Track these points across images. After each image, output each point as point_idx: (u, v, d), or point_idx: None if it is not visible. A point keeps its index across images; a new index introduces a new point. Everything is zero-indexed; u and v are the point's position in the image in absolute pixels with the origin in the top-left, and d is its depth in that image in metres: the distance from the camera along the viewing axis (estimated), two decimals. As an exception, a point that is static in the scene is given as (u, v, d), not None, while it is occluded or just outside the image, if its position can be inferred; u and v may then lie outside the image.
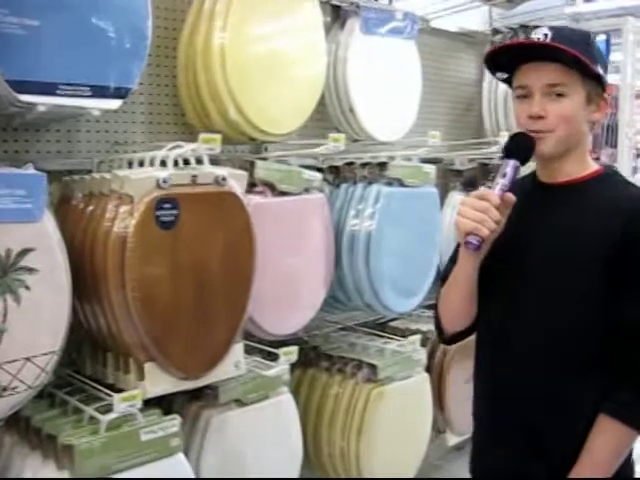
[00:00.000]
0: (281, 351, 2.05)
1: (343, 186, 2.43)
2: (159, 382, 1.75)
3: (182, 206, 1.73)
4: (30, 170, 1.58)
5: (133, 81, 1.77)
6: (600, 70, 1.44)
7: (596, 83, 1.45)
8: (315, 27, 2.24)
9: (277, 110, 2.12)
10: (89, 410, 1.70)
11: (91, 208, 1.76)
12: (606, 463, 1.40)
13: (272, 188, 2.15)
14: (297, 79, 2.17)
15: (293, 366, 2.58)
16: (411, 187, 2.40)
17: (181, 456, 1.76)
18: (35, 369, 1.55)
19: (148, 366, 1.73)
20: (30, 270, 1.51)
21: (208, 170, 1.80)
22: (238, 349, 1.92)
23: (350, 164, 2.43)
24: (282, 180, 2.15)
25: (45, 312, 1.56)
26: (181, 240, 1.74)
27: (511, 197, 1.42)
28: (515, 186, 1.43)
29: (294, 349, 2.07)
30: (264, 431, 2.09)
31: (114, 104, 1.74)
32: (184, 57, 2.09)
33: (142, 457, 1.67)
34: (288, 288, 2.20)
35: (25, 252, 1.51)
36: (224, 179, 1.81)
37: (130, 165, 1.87)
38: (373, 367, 2.37)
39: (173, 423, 1.73)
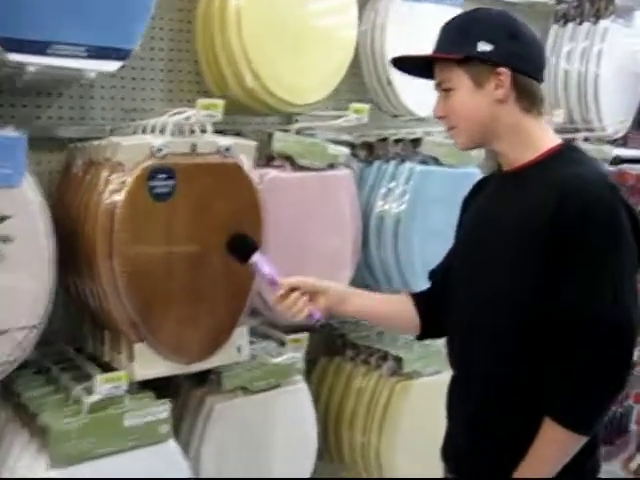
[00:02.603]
0: (288, 338, 1.90)
1: (376, 163, 2.26)
2: (150, 364, 1.64)
3: (179, 177, 1.60)
4: (9, 132, 1.48)
5: (134, 41, 1.66)
6: (485, 47, 1.33)
7: (481, 62, 1.34)
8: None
9: (299, 78, 1.96)
10: (75, 389, 1.61)
11: (88, 177, 1.66)
12: (548, 464, 1.31)
13: (292, 162, 2.00)
14: (323, 46, 2.01)
15: (319, 353, 2.47)
16: (448, 167, 2.20)
17: (171, 444, 1.65)
18: (10, 343, 1.46)
19: (138, 347, 1.63)
20: (5, 238, 1.42)
21: (210, 139, 1.67)
22: (241, 333, 1.79)
23: (383, 140, 2.25)
24: (303, 154, 1.99)
25: (23, 283, 1.47)
26: (178, 213, 1.62)
27: (282, 283, 1.50)
28: (483, 181, 1.55)
29: (303, 337, 1.93)
30: (273, 422, 1.96)
31: (113, 66, 1.64)
32: (202, 19, 1.96)
33: (125, 443, 1.57)
34: (306, 269, 2.04)
35: (1, 219, 1.42)
36: (228, 149, 1.67)
37: (143, 133, 1.76)
38: (399, 360, 2.20)
39: (163, 408, 1.62)
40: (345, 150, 2.09)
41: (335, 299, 1.55)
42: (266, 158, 1.98)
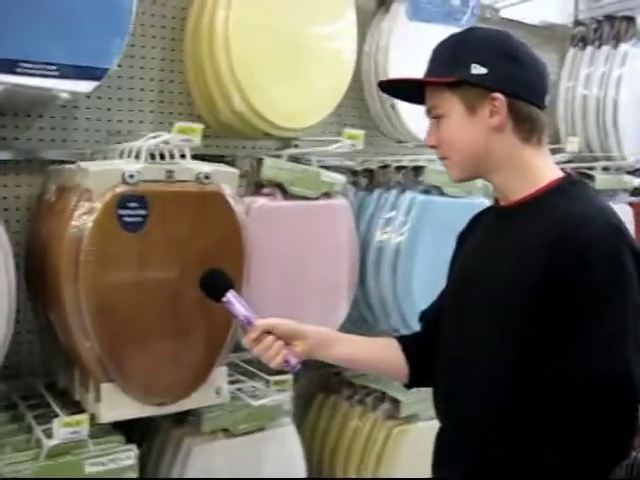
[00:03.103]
0: (272, 379, 1.77)
1: (376, 192, 2.13)
2: (117, 405, 1.53)
3: (152, 206, 1.50)
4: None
5: (110, 61, 1.57)
6: (478, 69, 1.20)
7: (476, 88, 1.21)
8: (342, 10, 1.95)
9: (291, 102, 1.86)
10: (36, 431, 1.50)
11: (59, 203, 1.57)
12: None
13: (284, 190, 1.89)
14: (318, 68, 1.90)
15: (316, 390, 2.34)
16: (452, 196, 2.07)
17: (137, 493, 1.53)
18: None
19: (106, 387, 1.52)
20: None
21: (188, 165, 1.56)
22: (220, 373, 1.67)
23: (385, 167, 2.13)
24: (294, 182, 1.88)
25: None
26: (151, 244, 1.51)
27: (255, 325, 1.34)
28: (481, 215, 1.40)
29: (286, 378, 1.79)
30: (258, 465, 1.83)
31: (87, 87, 1.54)
32: (190, 38, 1.88)
33: (86, 492, 1.45)
34: (299, 304, 1.93)
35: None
36: (207, 177, 1.56)
37: (121, 157, 1.67)
38: (396, 402, 2.06)
39: (127, 455, 1.50)
40: (340, 178, 1.97)
41: (315, 344, 1.41)
42: (255, 185, 1.87)
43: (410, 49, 2.17)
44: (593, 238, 1.11)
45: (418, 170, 2.04)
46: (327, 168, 2.15)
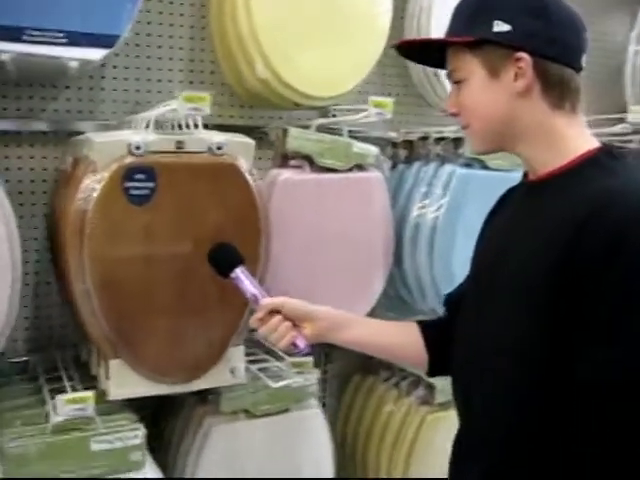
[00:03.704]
0: (290, 361, 1.70)
1: (415, 164, 2.01)
2: (127, 383, 1.49)
3: (161, 178, 1.43)
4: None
5: (121, 27, 1.50)
6: (501, 27, 1.07)
7: (499, 47, 1.08)
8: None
9: (318, 69, 1.75)
10: (49, 406, 1.48)
11: (71, 174, 1.53)
12: None
13: (312, 163, 1.79)
14: (347, 33, 1.78)
15: (355, 370, 2.26)
16: (496, 170, 1.92)
17: (146, 474, 1.49)
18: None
19: (114, 364, 1.48)
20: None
21: (199, 136, 1.49)
22: (237, 353, 1.61)
23: (425, 138, 2.00)
24: (323, 153, 1.78)
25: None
26: (159, 218, 1.45)
27: (261, 304, 1.30)
28: (511, 191, 1.26)
29: (307, 360, 1.71)
30: (281, 448, 1.77)
31: (97, 54, 1.49)
32: (216, 8, 1.79)
33: (91, 470, 1.42)
34: (326, 282, 1.84)
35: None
36: (220, 148, 1.49)
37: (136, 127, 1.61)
38: (431, 387, 1.95)
39: (135, 434, 1.46)
40: (374, 149, 1.86)
41: (326, 326, 1.32)
42: (282, 158, 1.79)
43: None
44: (631, 216, 0.95)
45: (459, 142, 1.90)
46: (366, 140, 2.06)
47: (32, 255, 1.80)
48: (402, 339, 1.36)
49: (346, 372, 2.27)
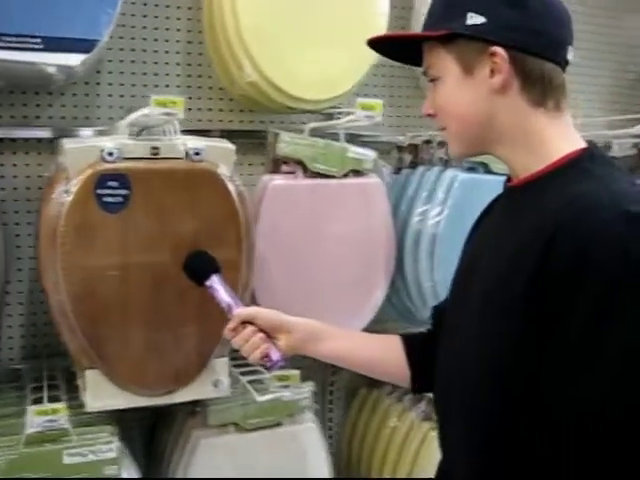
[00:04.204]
0: (273, 375, 1.64)
1: (419, 169, 1.93)
2: (104, 395, 1.46)
3: (135, 185, 1.40)
4: None
5: (100, 32, 1.48)
6: (475, 19, 0.98)
7: (472, 41, 1.00)
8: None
9: (309, 71, 1.69)
10: (25, 417, 1.46)
11: (50, 182, 1.51)
12: None
13: (305, 168, 1.74)
14: (342, 34, 1.72)
15: (359, 384, 2.19)
16: (500, 175, 1.82)
17: (122, 489, 1.46)
18: None
19: (90, 374, 1.45)
20: None
21: (176, 141, 1.45)
22: (221, 365, 1.56)
23: (429, 142, 1.92)
24: (316, 158, 1.72)
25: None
26: (134, 226, 1.41)
27: (234, 314, 1.26)
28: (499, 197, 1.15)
29: (293, 374, 1.65)
30: (272, 464, 1.71)
31: (75, 59, 1.46)
32: (207, 11, 1.76)
33: (63, 484, 1.40)
34: (321, 292, 1.78)
35: None
36: (197, 153, 1.45)
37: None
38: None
39: (109, 447, 1.43)
40: (371, 154, 1.79)
41: (301, 337, 1.26)
42: (274, 163, 1.74)
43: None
44: (600, 228, 0.85)
45: (461, 145, 1.81)
46: (373, 144, 2.00)
47: (27, 263, 1.79)
48: (383, 354, 1.29)
49: (352, 385, 2.21)
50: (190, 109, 1.92)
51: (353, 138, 1.97)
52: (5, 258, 1.67)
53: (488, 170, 1.83)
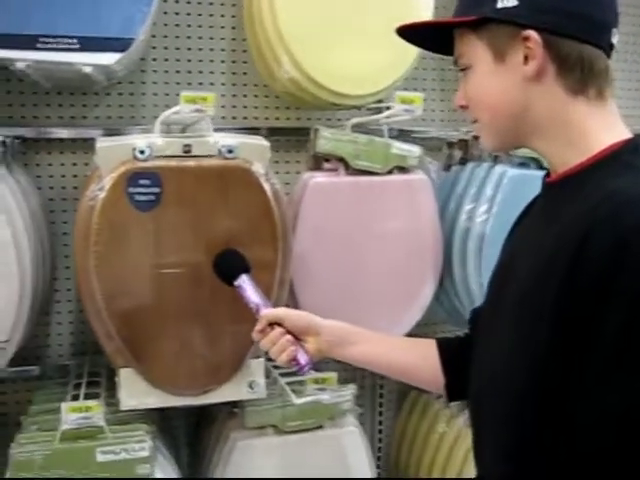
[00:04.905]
0: (310, 378, 1.59)
1: (469, 166, 1.86)
2: (138, 393, 1.46)
3: (167, 183, 1.39)
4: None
5: (135, 30, 1.47)
6: (506, 2, 0.91)
7: (504, 25, 0.93)
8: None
9: (349, 65, 1.64)
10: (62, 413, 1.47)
11: (87, 181, 1.52)
12: None
13: (347, 165, 1.69)
14: (382, 29, 1.63)
15: (409, 387, 2.13)
16: (554, 170, 1.73)
17: (155, 487, 1.45)
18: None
19: (124, 372, 1.45)
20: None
21: (208, 139, 1.43)
22: (257, 365, 1.54)
23: (478, 137, 1.83)
24: (358, 155, 1.67)
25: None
26: (165, 225, 1.40)
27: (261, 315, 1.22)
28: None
29: (330, 376, 1.60)
30: (312, 468, 1.67)
31: (110, 58, 1.46)
32: (247, 7, 1.73)
33: (97, 480, 1.40)
34: (364, 293, 1.73)
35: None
36: (230, 151, 1.42)
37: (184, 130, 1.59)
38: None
39: (142, 446, 1.42)
40: (416, 150, 1.72)
41: (331, 340, 1.21)
42: (315, 160, 1.70)
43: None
44: (635, 226, 0.78)
45: (511, 139, 1.73)
46: (422, 140, 1.94)
47: (72, 262, 1.82)
48: (416, 359, 1.23)
49: (403, 388, 2.15)
50: (235, 107, 1.93)
51: (402, 134, 1.92)
52: (51, 256, 1.70)
53: (540, 166, 1.73)
